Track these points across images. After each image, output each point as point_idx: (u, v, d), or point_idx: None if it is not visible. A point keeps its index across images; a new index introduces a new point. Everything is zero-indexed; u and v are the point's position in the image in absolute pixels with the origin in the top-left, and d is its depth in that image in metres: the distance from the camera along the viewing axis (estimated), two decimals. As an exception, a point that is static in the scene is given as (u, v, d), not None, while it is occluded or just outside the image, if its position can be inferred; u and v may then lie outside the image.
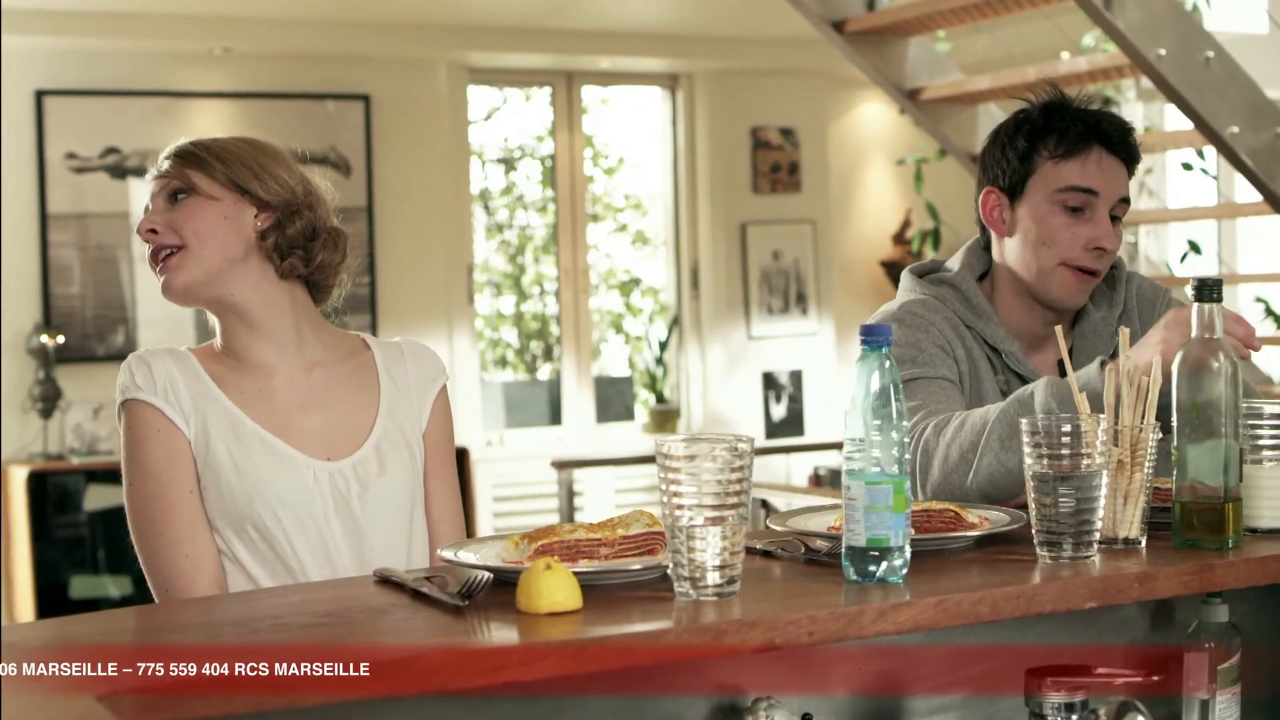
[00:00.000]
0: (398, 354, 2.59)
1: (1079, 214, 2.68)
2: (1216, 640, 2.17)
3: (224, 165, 2.45)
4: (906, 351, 2.67)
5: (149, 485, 2.39)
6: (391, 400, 2.54)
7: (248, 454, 2.40)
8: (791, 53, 8.06)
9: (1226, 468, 2.09)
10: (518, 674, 1.62)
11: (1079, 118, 2.70)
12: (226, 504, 2.39)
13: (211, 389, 2.43)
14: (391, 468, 2.49)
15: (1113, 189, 2.70)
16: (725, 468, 1.81)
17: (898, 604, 1.81)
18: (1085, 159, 2.68)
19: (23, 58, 7.04)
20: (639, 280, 8.89)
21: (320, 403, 2.49)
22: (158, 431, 2.40)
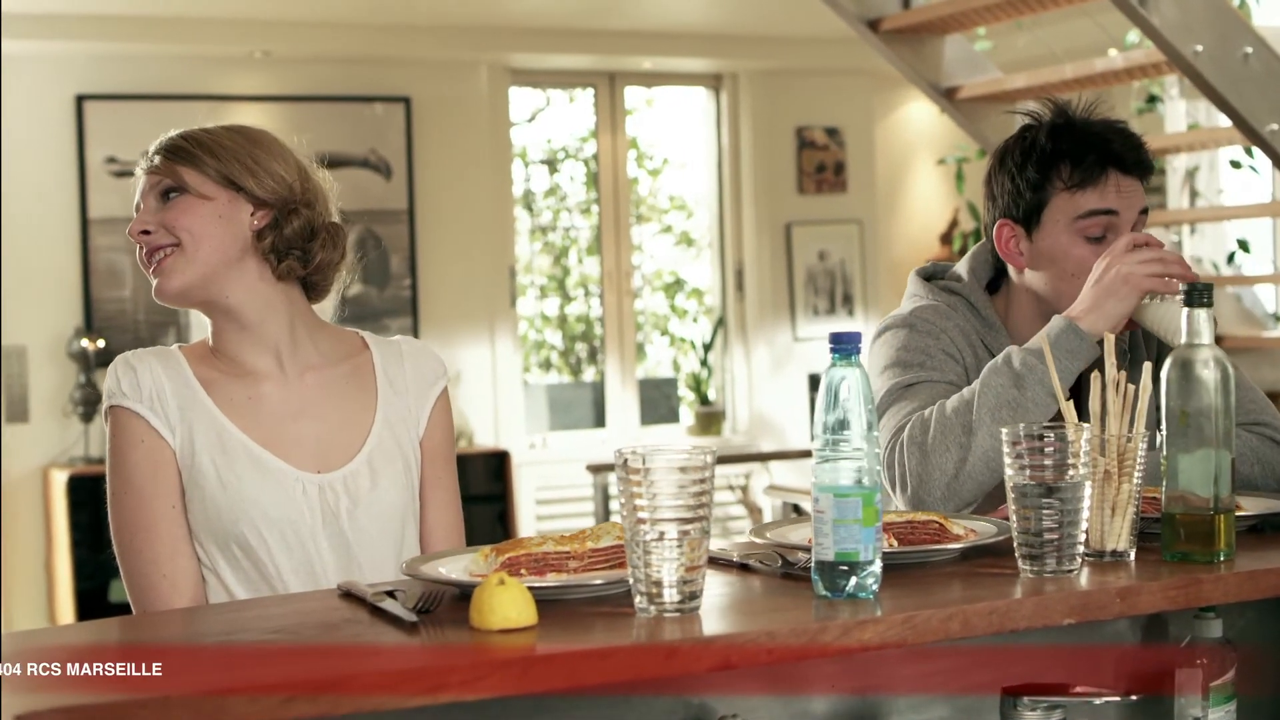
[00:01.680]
0: (396, 354, 2.51)
1: (1100, 241, 2.63)
2: (1209, 656, 2.10)
3: (216, 160, 2.36)
4: (914, 356, 2.62)
5: (130, 498, 2.34)
6: (388, 406, 2.46)
7: (233, 468, 2.33)
8: (836, 51, 7.99)
9: (1217, 478, 2.03)
10: (457, 693, 1.58)
11: (1090, 143, 2.63)
12: (211, 520, 2.33)
13: (200, 396, 2.36)
14: (384, 481, 2.42)
15: (1132, 207, 2.65)
16: (685, 481, 1.76)
17: (862, 621, 1.76)
18: (1103, 186, 2.63)
19: (63, 62, 7.08)
20: (684, 282, 8.84)
21: (313, 411, 2.42)
22: (141, 443, 2.34)
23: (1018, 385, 2.42)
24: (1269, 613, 2.29)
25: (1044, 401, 2.42)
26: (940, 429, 2.46)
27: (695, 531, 1.77)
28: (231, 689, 1.53)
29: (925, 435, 2.47)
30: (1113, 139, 2.65)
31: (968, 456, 2.43)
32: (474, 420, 7.81)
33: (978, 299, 2.71)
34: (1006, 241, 2.69)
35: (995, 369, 2.47)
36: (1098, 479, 2.03)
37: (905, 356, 2.63)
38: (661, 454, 1.76)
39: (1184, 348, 2.06)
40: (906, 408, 2.55)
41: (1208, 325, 2.06)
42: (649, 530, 1.76)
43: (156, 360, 2.37)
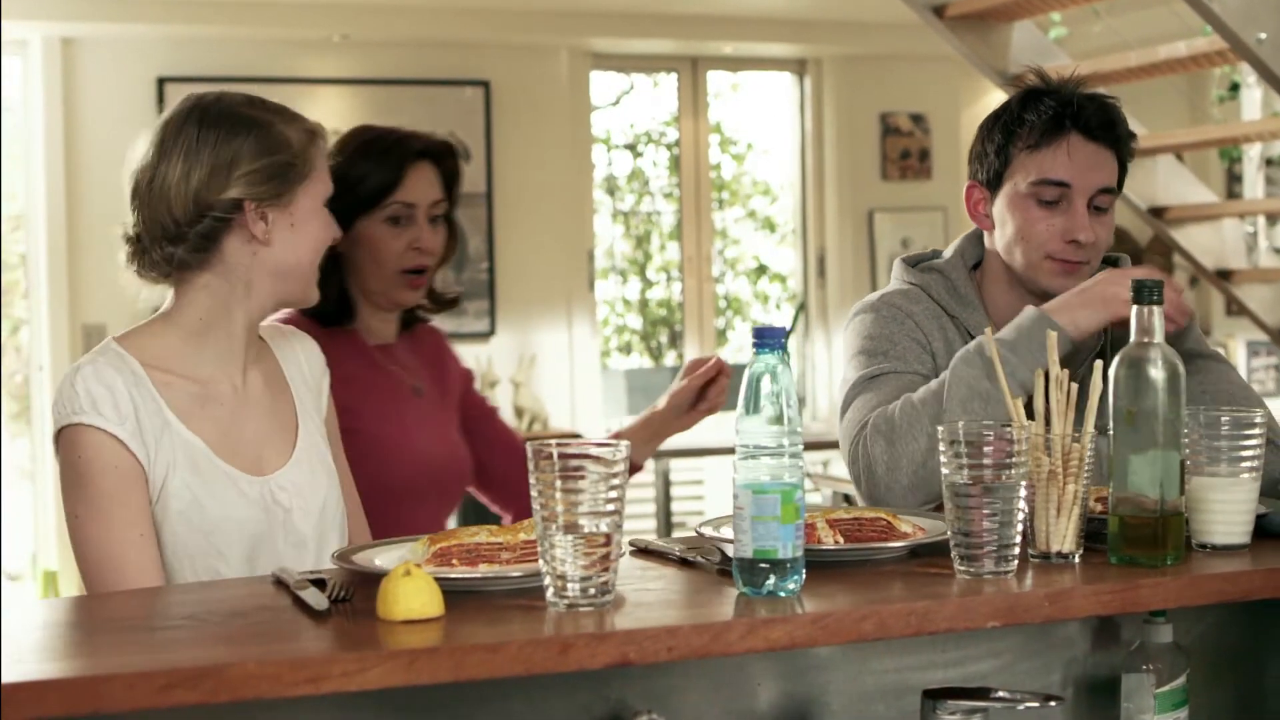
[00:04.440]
0: (290, 346, 2.49)
1: (1054, 206, 2.58)
2: (1157, 662, 2.05)
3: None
4: (879, 344, 2.60)
5: (97, 526, 2.21)
6: (302, 397, 2.45)
7: (208, 487, 2.26)
8: (921, 37, 7.85)
9: (1164, 480, 1.98)
10: (339, 685, 1.58)
11: (1053, 104, 2.58)
12: (182, 540, 2.25)
13: (164, 410, 2.26)
14: (320, 474, 2.39)
15: (1088, 179, 2.57)
16: (595, 475, 1.75)
17: (769, 620, 1.74)
18: (1057, 149, 2.57)
19: (145, 46, 7.17)
20: (767, 267, 8.80)
21: (252, 411, 2.37)
22: (115, 469, 2.21)
23: (989, 377, 2.38)
24: (1228, 618, 2.23)
25: (1015, 393, 2.37)
26: (907, 419, 2.42)
27: (606, 525, 1.75)
28: (110, 674, 1.54)
29: (891, 426, 2.43)
30: (1080, 103, 2.59)
31: (935, 446, 2.39)
32: (550, 404, 7.82)
33: (956, 275, 2.67)
34: (975, 204, 2.69)
35: (967, 358, 2.43)
36: (1042, 479, 1.99)
37: (870, 345, 2.61)
38: (571, 447, 1.75)
39: (1134, 346, 2.01)
40: (871, 400, 2.52)
41: (1159, 324, 2.01)
42: (556, 524, 1.75)
43: (124, 375, 2.24)
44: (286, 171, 2.30)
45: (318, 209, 2.36)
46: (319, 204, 2.36)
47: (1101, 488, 2.10)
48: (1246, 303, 6.02)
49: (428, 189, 2.88)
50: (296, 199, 2.33)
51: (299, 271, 2.35)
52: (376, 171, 2.84)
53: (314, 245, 2.36)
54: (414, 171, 2.86)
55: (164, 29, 7.12)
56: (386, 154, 2.85)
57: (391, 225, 2.85)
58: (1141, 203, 5.86)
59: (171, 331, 2.32)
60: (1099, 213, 2.60)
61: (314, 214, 2.36)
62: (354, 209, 2.82)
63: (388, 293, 2.89)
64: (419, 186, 2.87)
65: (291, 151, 2.31)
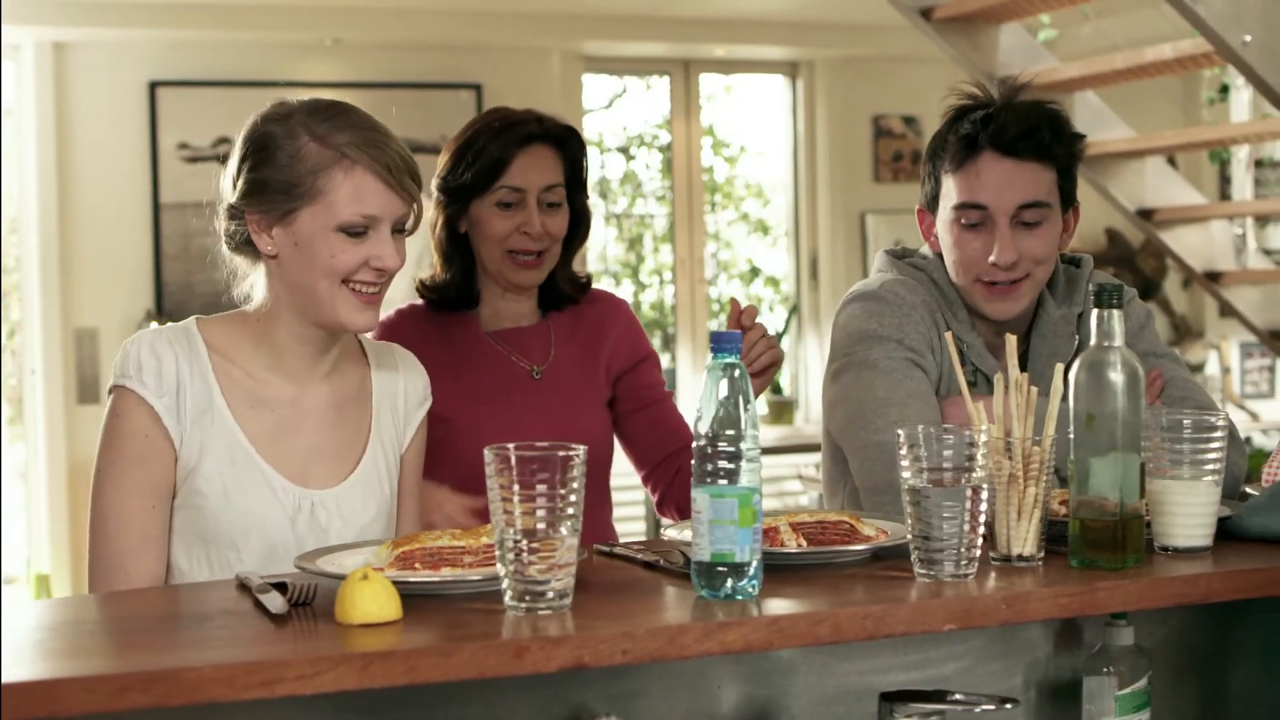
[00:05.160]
0: (391, 369, 2.47)
1: (978, 228, 2.56)
2: (1119, 664, 2.06)
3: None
4: (891, 332, 2.57)
5: (113, 486, 2.25)
6: (382, 426, 2.43)
7: (239, 481, 2.27)
8: (914, 39, 7.87)
9: (1124, 483, 1.99)
10: (293, 688, 1.59)
11: (968, 123, 2.54)
12: (198, 526, 2.27)
13: (216, 398, 2.28)
14: (374, 503, 2.38)
15: (1005, 199, 2.53)
16: (552, 479, 1.75)
17: (725, 624, 1.75)
18: (971, 170, 2.54)
19: (137, 50, 7.18)
20: (759, 270, 8.80)
21: (316, 424, 2.36)
22: (145, 436, 2.25)
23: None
24: (1191, 621, 2.24)
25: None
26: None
27: (565, 530, 1.76)
28: (66, 678, 1.55)
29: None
30: (994, 119, 2.53)
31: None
32: (543, 406, 7.81)
33: (940, 276, 2.66)
34: (926, 228, 2.69)
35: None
36: (1003, 482, 2.00)
37: (885, 332, 2.57)
38: (528, 451, 1.76)
39: (1094, 349, 2.02)
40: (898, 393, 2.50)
41: (1119, 328, 2.02)
42: (514, 528, 1.76)
43: (182, 350, 2.28)
44: (286, 189, 2.24)
45: (325, 235, 2.24)
46: (326, 230, 2.24)
47: (1065, 491, 2.11)
48: (1235, 304, 6.03)
49: (539, 174, 2.87)
50: (298, 220, 2.25)
51: (313, 295, 2.28)
52: (487, 154, 2.84)
53: (322, 271, 2.25)
54: (525, 155, 2.86)
55: (156, 33, 7.12)
56: (498, 137, 2.85)
57: (501, 209, 2.86)
58: (1130, 204, 5.87)
59: (241, 325, 2.36)
60: (1028, 228, 2.55)
61: (319, 239, 2.24)
62: (468, 191, 2.85)
63: (502, 273, 2.90)
64: (528, 171, 2.86)
65: (298, 170, 2.23)
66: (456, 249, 2.91)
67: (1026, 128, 2.54)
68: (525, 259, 2.87)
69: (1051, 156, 2.56)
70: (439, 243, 2.93)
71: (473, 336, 2.92)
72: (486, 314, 2.95)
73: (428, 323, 2.92)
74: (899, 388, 2.51)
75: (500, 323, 2.95)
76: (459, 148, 2.87)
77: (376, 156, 2.24)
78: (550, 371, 2.93)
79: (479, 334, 2.93)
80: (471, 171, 2.84)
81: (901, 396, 2.50)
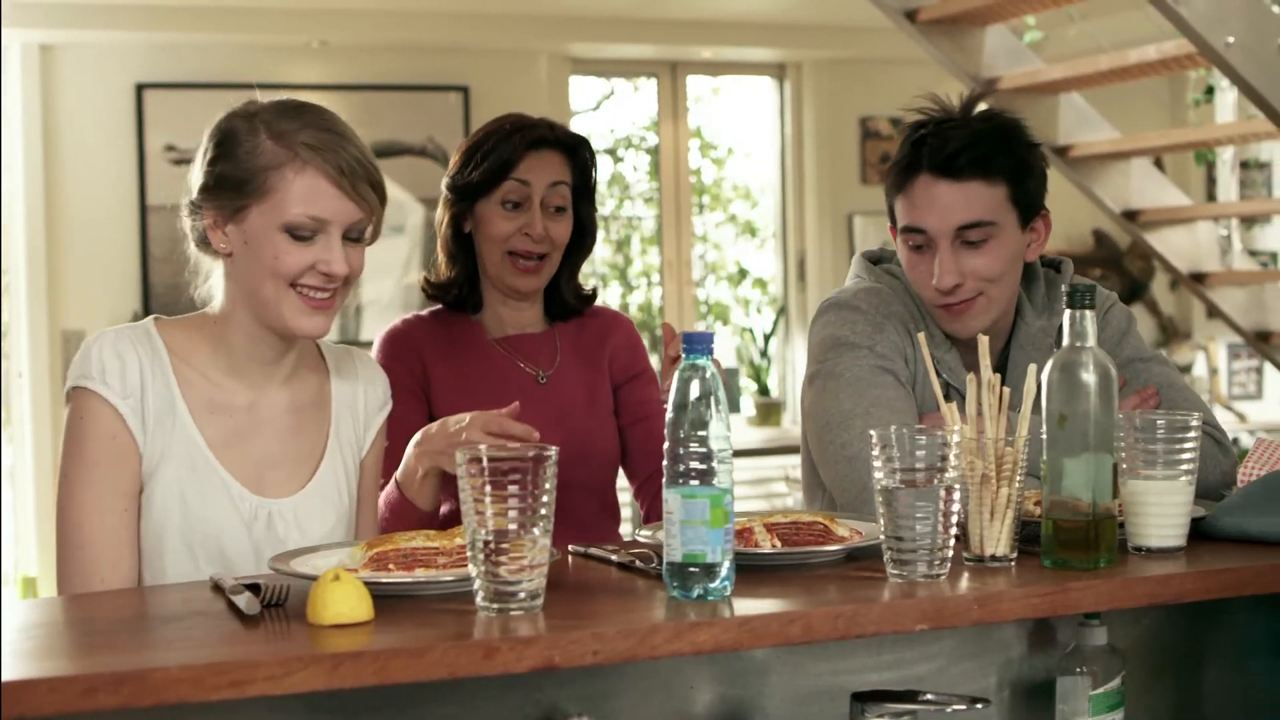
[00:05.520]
0: (351, 374, 2.46)
1: (924, 250, 2.54)
2: (1092, 664, 2.07)
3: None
4: (862, 339, 2.56)
5: (82, 489, 2.23)
6: (341, 430, 2.42)
7: (198, 487, 2.26)
8: (901, 41, 7.89)
9: (1097, 483, 1.99)
10: (263, 689, 1.59)
11: (907, 145, 2.51)
12: (152, 531, 2.25)
13: (177, 402, 2.26)
14: (332, 511, 2.37)
15: (943, 221, 2.49)
16: (523, 480, 1.75)
17: (695, 624, 1.75)
18: (909, 193, 2.52)
19: (123, 51, 7.17)
20: (747, 271, 8.80)
21: (275, 431, 2.35)
22: (112, 438, 2.23)
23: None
24: (1166, 621, 2.24)
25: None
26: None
27: (536, 531, 1.77)
28: (33, 679, 1.55)
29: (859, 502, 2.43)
30: (928, 140, 2.48)
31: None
32: (530, 408, 7.81)
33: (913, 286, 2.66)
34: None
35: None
36: (975, 482, 2.00)
37: (854, 339, 2.56)
38: (498, 452, 1.76)
39: (1067, 350, 2.02)
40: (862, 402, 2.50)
41: (1091, 328, 2.03)
42: (486, 528, 1.76)
43: (144, 352, 2.26)
44: (238, 185, 2.22)
45: (271, 234, 2.23)
46: (274, 228, 2.22)
47: (1039, 491, 2.12)
48: (1220, 305, 6.04)
49: (545, 173, 2.87)
50: (249, 217, 2.23)
51: (260, 296, 2.26)
52: (496, 154, 2.85)
53: (268, 271, 2.24)
54: (533, 157, 2.86)
55: (143, 35, 7.12)
56: (508, 139, 2.86)
57: (506, 209, 2.86)
58: (1115, 206, 5.88)
59: (199, 328, 2.34)
60: (972, 247, 2.51)
61: (265, 238, 2.23)
62: (475, 190, 2.86)
63: (501, 276, 2.90)
64: (535, 170, 2.86)
65: (253, 166, 2.22)
66: (461, 248, 2.92)
67: (961, 146, 2.48)
68: (525, 263, 2.87)
69: (995, 171, 2.49)
70: (444, 241, 2.94)
71: (478, 342, 2.93)
72: (490, 321, 2.96)
73: (433, 330, 2.92)
74: (864, 397, 2.50)
75: (505, 330, 2.96)
76: (469, 148, 2.89)
77: (330, 159, 2.22)
78: (556, 377, 2.94)
79: (484, 340, 2.93)
80: (479, 171, 2.85)
81: (865, 406, 2.48)
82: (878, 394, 2.50)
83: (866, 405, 2.48)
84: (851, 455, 2.44)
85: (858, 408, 2.48)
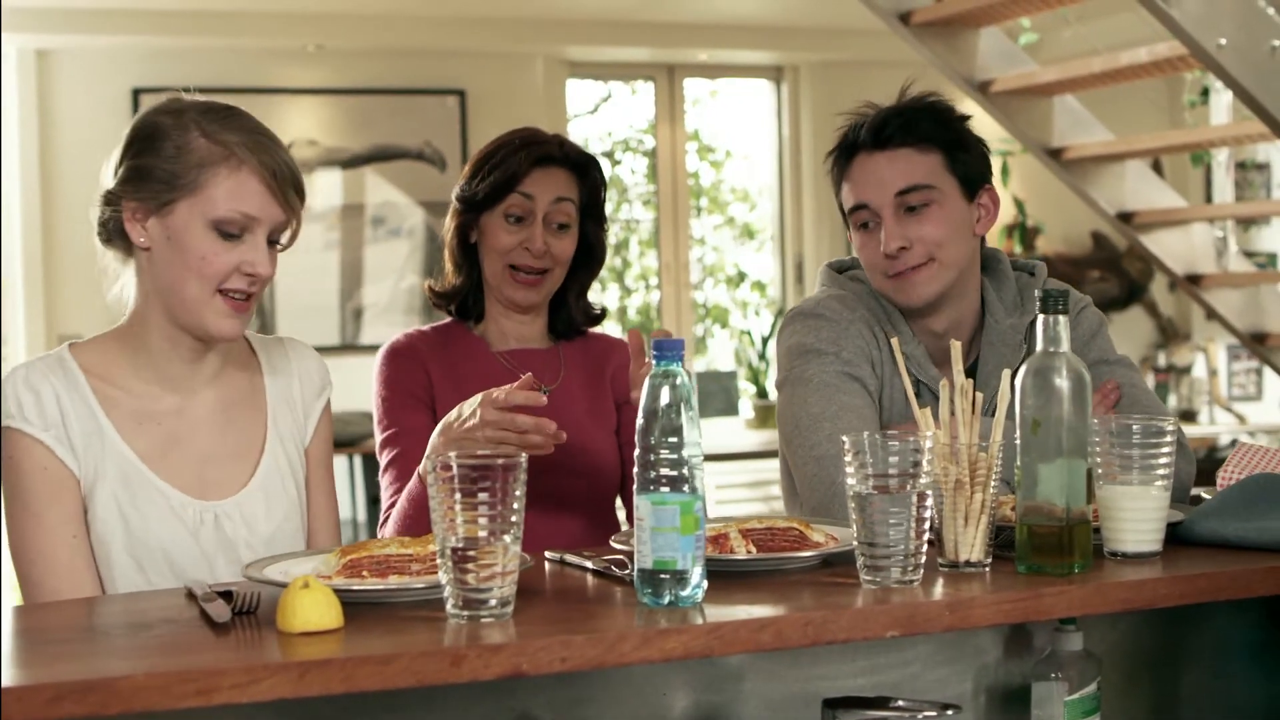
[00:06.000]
0: (284, 362, 2.47)
1: (871, 229, 2.59)
2: (1068, 669, 2.06)
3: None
4: (828, 346, 2.58)
5: (30, 525, 2.24)
6: (278, 423, 2.42)
7: (135, 503, 2.27)
8: (897, 43, 7.90)
9: (1070, 488, 1.99)
10: (229, 697, 1.59)
11: (843, 134, 2.61)
12: (99, 550, 2.26)
13: (101, 421, 2.27)
14: (279, 505, 2.37)
15: (884, 189, 2.56)
16: (491, 487, 1.75)
17: (664, 631, 1.74)
18: (850, 174, 2.60)
19: (120, 56, 7.19)
20: (745, 274, 8.81)
21: (208, 432, 2.35)
22: (44, 470, 2.24)
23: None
24: (1143, 626, 2.24)
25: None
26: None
27: (507, 538, 1.76)
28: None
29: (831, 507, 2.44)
30: (863, 121, 2.59)
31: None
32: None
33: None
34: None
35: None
36: (949, 488, 2.00)
37: (820, 346, 2.58)
38: (467, 458, 1.76)
39: (1041, 355, 2.02)
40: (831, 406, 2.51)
41: (1065, 333, 2.02)
42: (456, 535, 1.76)
43: (58, 380, 2.27)
44: (167, 179, 2.22)
45: (200, 230, 2.23)
46: (203, 224, 2.23)
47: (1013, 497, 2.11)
48: (1216, 307, 6.04)
49: (551, 188, 2.86)
50: (175, 211, 2.23)
51: (180, 296, 2.26)
52: (503, 168, 2.84)
53: (192, 269, 2.24)
54: (540, 172, 2.85)
55: (139, 40, 7.14)
56: (516, 153, 2.85)
57: (508, 222, 2.85)
58: (1110, 208, 5.88)
59: (115, 343, 2.34)
60: (914, 212, 2.56)
61: (192, 234, 2.23)
62: (481, 202, 2.85)
63: (501, 288, 2.89)
64: (541, 184, 2.85)
65: (184, 163, 2.22)
66: (467, 258, 2.92)
67: (888, 117, 2.58)
68: (524, 276, 2.86)
69: (924, 138, 2.57)
70: (450, 250, 2.95)
71: (480, 354, 2.92)
72: (493, 333, 2.95)
73: (435, 342, 2.92)
74: (832, 401, 2.52)
75: (507, 343, 2.95)
76: (479, 159, 2.89)
77: (264, 161, 2.24)
78: (559, 392, 2.91)
79: (486, 352, 2.93)
80: (485, 183, 2.84)
81: (834, 410, 2.51)
82: (845, 400, 2.52)
83: (835, 410, 2.50)
84: (819, 455, 2.45)
85: (826, 411, 2.50)
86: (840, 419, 2.48)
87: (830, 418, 2.49)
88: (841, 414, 2.49)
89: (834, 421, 2.48)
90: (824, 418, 2.50)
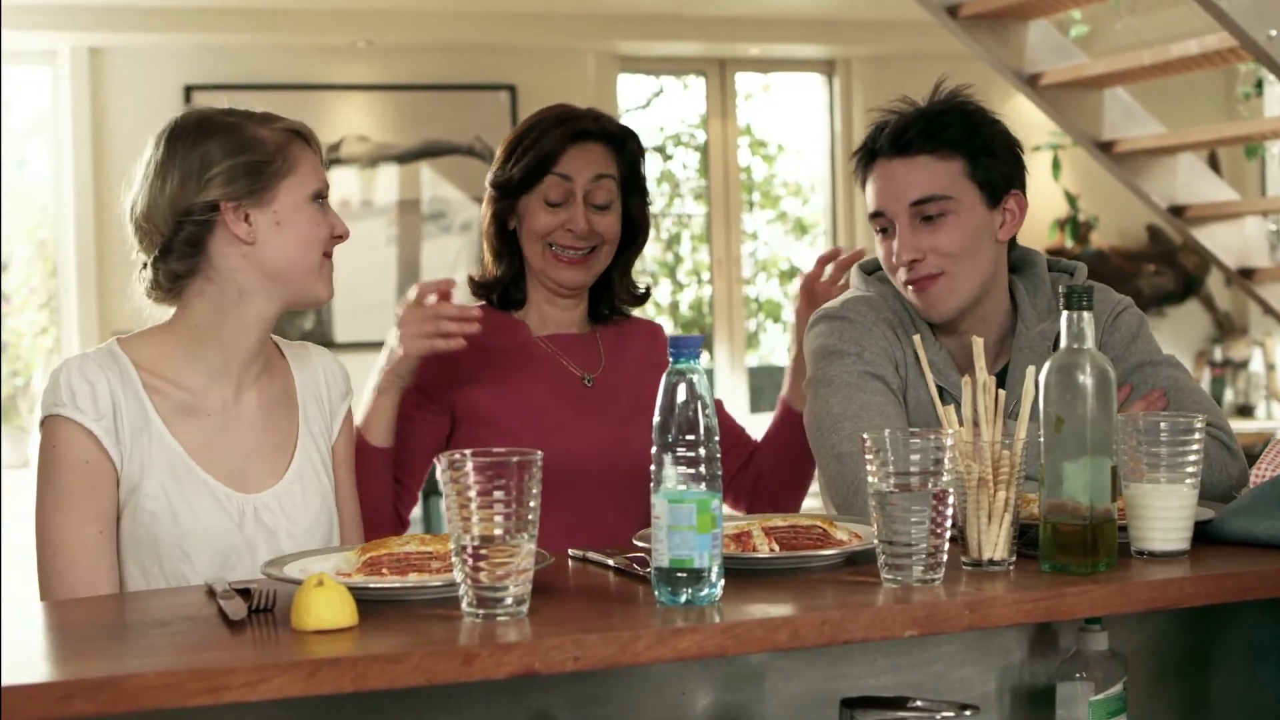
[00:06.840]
0: (310, 366, 2.52)
1: (889, 234, 2.58)
2: (1093, 669, 2.04)
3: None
4: (850, 347, 2.56)
5: (58, 517, 2.28)
6: (310, 417, 2.48)
7: (184, 496, 2.30)
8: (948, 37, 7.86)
9: (1095, 486, 1.96)
10: (239, 695, 1.59)
11: (865, 137, 2.59)
12: (146, 544, 2.30)
13: (150, 414, 2.31)
14: (314, 496, 2.43)
15: (899, 199, 2.53)
16: (507, 485, 1.75)
17: (679, 630, 1.74)
18: (870, 180, 2.58)
19: (172, 54, 7.23)
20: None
21: (249, 428, 2.40)
22: (85, 464, 2.28)
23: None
24: (1172, 626, 2.21)
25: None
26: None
27: (522, 537, 1.76)
28: (11, 685, 1.56)
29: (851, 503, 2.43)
30: (886, 124, 2.56)
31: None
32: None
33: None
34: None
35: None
36: (973, 486, 1.98)
37: (843, 347, 2.57)
38: (485, 457, 1.75)
39: (1065, 352, 2.00)
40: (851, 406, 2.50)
41: (1089, 330, 2.00)
42: (471, 534, 1.75)
43: (113, 373, 2.31)
44: (262, 169, 2.33)
45: (304, 205, 2.37)
46: (305, 199, 2.37)
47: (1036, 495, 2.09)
48: (1270, 301, 5.97)
49: (588, 165, 2.80)
50: (278, 196, 2.35)
51: (294, 271, 2.37)
52: (538, 148, 2.79)
53: (305, 242, 2.37)
54: (576, 149, 2.80)
55: (191, 37, 7.17)
56: (549, 132, 2.80)
57: (548, 206, 2.80)
58: (1162, 202, 5.82)
59: (169, 338, 2.38)
60: (929, 223, 2.53)
61: (300, 210, 2.36)
62: (517, 187, 2.81)
63: (545, 271, 2.83)
64: (578, 161, 2.80)
65: (265, 150, 2.34)
66: (506, 245, 2.86)
67: (908, 123, 2.54)
68: (571, 255, 2.79)
69: (947, 144, 2.52)
70: (489, 239, 2.89)
71: (523, 340, 2.87)
72: (534, 319, 2.89)
73: (492, 316, 2.83)
74: (852, 400, 2.50)
75: (548, 328, 2.89)
76: (511, 142, 2.83)
77: (308, 137, 2.43)
78: (602, 380, 2.88)
79: (529, 338, 2.87)
80: (520, 167, 2.79)
81: (855, 410, 2.49)
82: (866, 399, 2.51)
83: (856, 409, 2.49)
84: (840, 454, 2.44)
85: (847, 411, 2.49)
86: (861, 418, 2.47)
87: (850, 417, 2.48)
88: (862, 413, 2.48)
89: (854, 421, 2.46)
90: (844, 417, 2.49)
